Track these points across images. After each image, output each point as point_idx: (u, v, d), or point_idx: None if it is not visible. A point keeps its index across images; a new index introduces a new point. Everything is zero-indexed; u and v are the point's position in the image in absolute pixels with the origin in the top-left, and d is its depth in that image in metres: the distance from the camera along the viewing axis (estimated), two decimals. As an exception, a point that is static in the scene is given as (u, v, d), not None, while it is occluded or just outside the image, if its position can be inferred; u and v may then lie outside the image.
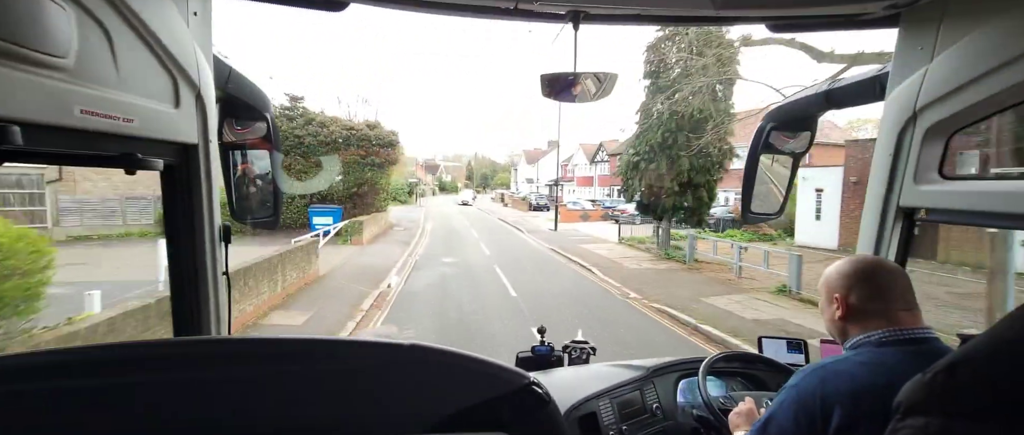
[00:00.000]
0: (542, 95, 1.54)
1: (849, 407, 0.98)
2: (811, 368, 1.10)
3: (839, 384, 1.02)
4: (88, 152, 0.99)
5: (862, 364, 1.04)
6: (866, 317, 1.10)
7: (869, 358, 1.05)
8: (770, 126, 1.94)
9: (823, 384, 1.03)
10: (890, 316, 1.08)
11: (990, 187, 1.25)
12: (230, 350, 0.76)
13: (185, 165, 1.33)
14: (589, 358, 2.34)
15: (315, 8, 1.46)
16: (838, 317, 1.14)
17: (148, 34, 1.09)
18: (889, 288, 1.11)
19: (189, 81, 1.26)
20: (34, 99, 0.82)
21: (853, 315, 1.12)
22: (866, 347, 1.08)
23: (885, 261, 1.20)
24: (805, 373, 1.09)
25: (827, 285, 1.18)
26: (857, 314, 1.11)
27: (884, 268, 1.14)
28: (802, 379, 1.08)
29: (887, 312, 1.09)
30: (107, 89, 0.99)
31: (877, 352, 1.05)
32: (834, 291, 1.16)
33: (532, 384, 0.76)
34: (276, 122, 1.75)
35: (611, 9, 1.38)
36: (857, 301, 1.11)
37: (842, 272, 1.16)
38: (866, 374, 1.01)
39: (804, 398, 1.04)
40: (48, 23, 0.83)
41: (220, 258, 1.49)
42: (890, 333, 1.06)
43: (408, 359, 0.74)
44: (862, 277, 1.13)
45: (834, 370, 1.05)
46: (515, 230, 26.31)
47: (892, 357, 1.03)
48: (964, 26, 1.22)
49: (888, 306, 1.09)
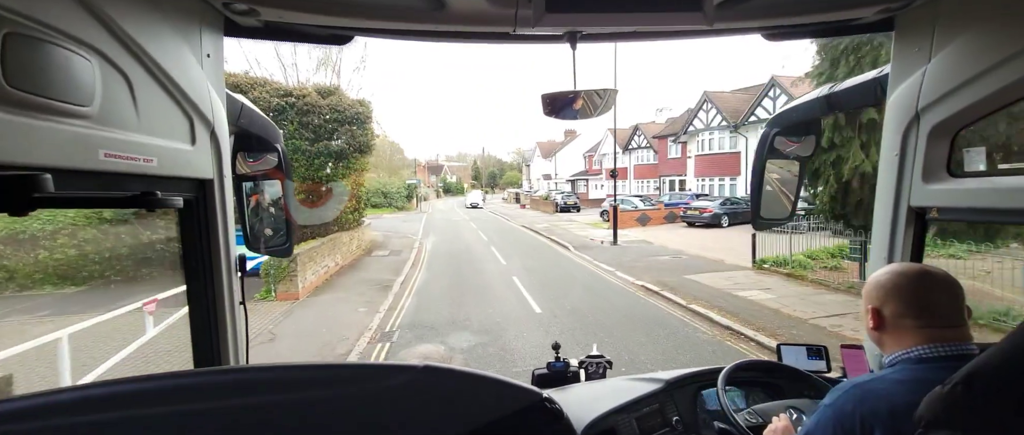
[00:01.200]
0: (543, 114, 1.57)
1: (889, 426, 0.93)
2: (849, 385, 1.05)
3: (878, 404, 0.97)
4: (112, 194, 1.03)
5: (900, 383, 0.99)
6: (901, 331, 1.04)
7: (907, 375, 1.00)
8: (774, 132, 1.95)
9: (861, 404, 0.99)
10: (930, 332, 1.01)
11: (1002, 183, 1.24)
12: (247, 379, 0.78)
13: (202, 199, 1.38)
14: (605, 372, 2.31)
15: (321, 43, 1.52)
16: (870, 328, 1.09)
17: (165, 78, 1.15)
18: (930, 302, 1.03)
19: (204, 119, 1.32)
20: (63, 147, 0.87)
21: (886, 328, 1.07)
22: (903, 364, 1.03)
23: (933, 270, 1.07)
24: (842, 391, 1.04)
25: (866, 293, 1.12)
26: (890, 328, 1.06)
27: (928, 280, 1.05)
28: (839, 397, 1.03)
29: (926, 327, 1.02)
30: (128, 132, 1.04)
31: (916, 369, 1.00)
32: (869, 301, 1.10)
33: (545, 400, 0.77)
34: (287, 152, 1.81)
35: (606, 28, 1.41)
36: (890, 315, 1.06)
37: (879, 283, 1.09)
38: (904, 393, 0.95)
39: (842, 418, 1.00)
40: (75, 75, 0.88)
41: (237, 288, 1.53)
42: (929, 350, 1.01)
43: (423, 381, 0.75)
44: (900, 290, 1.05)
45: (871, 389, 1.00)
46: (555, 245, 17.73)
47: (932, 374, 0.93)
48: (959, 26, 1.23)
49: (927, 322, 1.02)
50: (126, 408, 0.69)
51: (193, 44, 1.28)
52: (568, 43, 1.47)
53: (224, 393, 0.73)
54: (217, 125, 1.38)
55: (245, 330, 1.59)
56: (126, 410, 0.69)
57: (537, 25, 1.17)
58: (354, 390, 0.74)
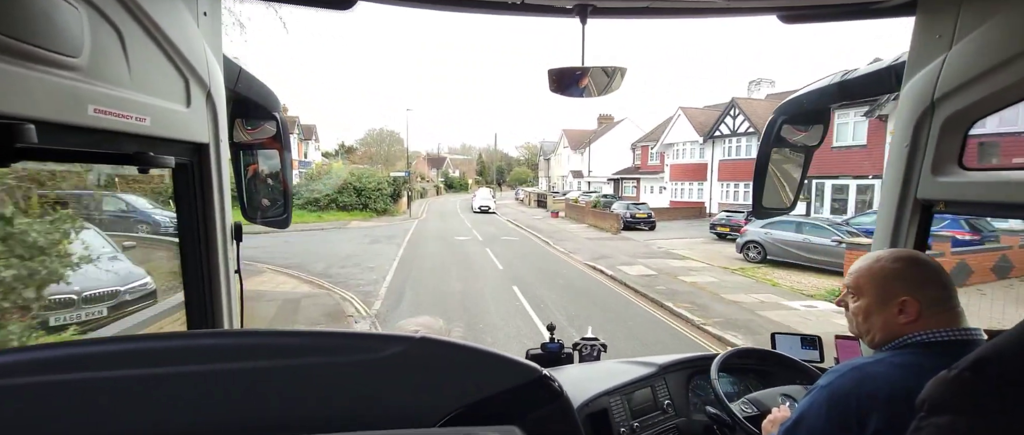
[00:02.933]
0: (549, 91, 1.53)
1: (887, 412, 0.92)
2: (846, 367, 1.03)
3: (876, 387, 0.95)
4: (102, 150, 1.01)
5: (900, 367, 0.97)
6: (931, 320, 1.00)
7: (908, 360, 0.98)
8: (782, 119, 1.92)
9: (859, 385, 0.97)
10: (948, 317, 1.00)
11: (1013, 177, 1.22)
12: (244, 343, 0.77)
13: (197, 164, 1.35)
14: (600, 355, 2.32)
15: (323, 7, 1.47)
16: (904, 322, 1.02)
17: (159, 34, 1.11)
18: (949, 285, 1.02)
19: (199, 81, 1.28)
20: (49, 98, 0.83)
21: (921, 321, 1.01)
22: (912, 348, 1.00)
23: (925, 256, 1.08)
24: (839, 373, 1.03)
25: (882, 283, 1.06)
26: (925, 319, 1.01)
27: (932, 264, 1.04)
28: (836, 379, 1.02)
29: (948, 312, 1.01)
30: (120, 88, 1.00)
31: (918, 354, 0.99)
32: (899, 294, 1.03)
33: (545, 376, 0.76)
34: (285, 121, 1.77)
35: (618, 2, 1.37)
36: (927, 302, 1.01)
37: (908, 270, 1.04)
38: (903, 377, 0.94)
39: (837, 399, 0.98)
40: (61, 23, 0.84)
41: (232, 256, 1.51)
42: (935, 334, 0.99)
43: (420, 352, 0.75)
44: (930, 274, 1.03)
45: (871, 372, 0.99)
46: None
47: (937, 360, 0.92)
48: (984, 12, 1.19)
49: (949, 306, 1.01)
50: (118, 367, 0.68)
51: (189, 0, 1.23)
52: (577, 17, 1.42)
53: (219, 356, 0.72)
54: (214, 87, 1.34)
55: (240, 299, 1.58)
56: (118, 369, 0.68)
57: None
58: (351, 358, 0.73)
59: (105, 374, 0.68)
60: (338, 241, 17.88)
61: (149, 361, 0.71)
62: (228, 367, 0.71)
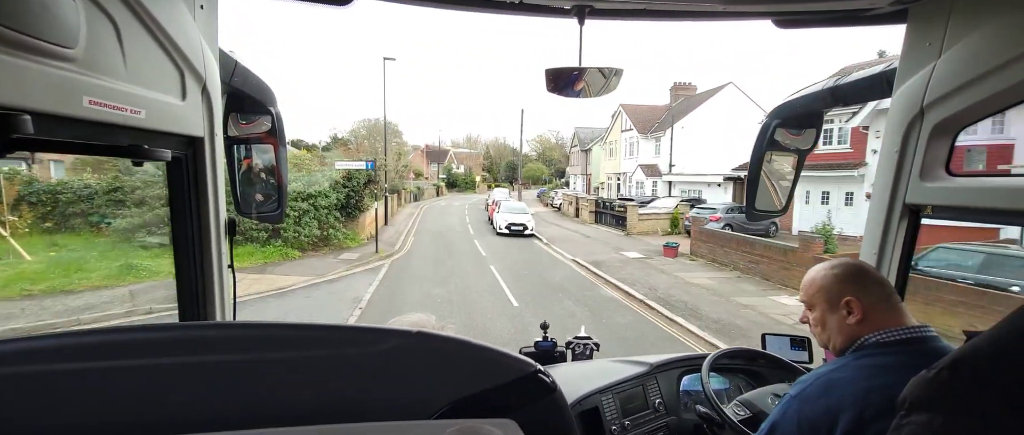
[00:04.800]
0: (546, 90, 1.54)
1: (854, 413, 0.96)
2: (813, 376, 1.08)
3: (843, 390, 1.00)
4: (97, 142, 1.00)
5: (864, 367, 1.03)
6: (877, 318, 1.08)
7: (872, 360, 1.04)
8: (775, 123, 1.94)
9: (826, 391, 1.02)
10: (895, 316, 1.08)
11: (999, 183, 1.24)
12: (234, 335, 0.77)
13: (192, 158, 1.34)
14: (592, 354, 2.33)
15: (320, 2, 1.47)
16: (853, 322, 1.10)
17: (155, 26, 1.10)
18: (890, 287, 1.12)
19: (195, 74, 1.27)
20: (44, 89, 0.83)
21: (868, 319, 1.09)
22: (870, 350, 1.07)
23: (864, 263, 1.22)
24: (807, 382, 1.08)
25: (826, 290, 1.15)
26: (871, 317, 1.09)
27: (872, 270, 1.16)
28: (805, 388, 1.07)
29: (891, 311, 1.09)
30: (115, 80, 1.00)
31: (881, 354, 1.04)
32: (843, 295, 1.12)
33: (538, 371, 0.77)
34: (281, 116, 1.77)
35: (616, 3, 1.38)
36: (869, 303, 1.09)
37: (847, 274, 1.14)
38: (868, 377, 1.00)
39: (806, 407, 1.03)
40: (58, 14, 0.84)
41: (226, 251, 1.51)
42: (894, 333, 1.06)
43: (413, 346, 0.75)
44: (869, 277, 1.13)
45: (837, 377, 1.04)
46: None
47: (895, 358, 1.03)
48: (973, 21, 1.21)
49: (886, 308, 1.09)
50: (107, 358, 0.68)
51: None
52: (575, 18, 1.43)
53: (214, 347, 0.72)
54: (209, 81, 1.33)
55: (233, 294, 1.58)
56: (107, 360, 0.68)
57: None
58: (346, 351, 0.74)
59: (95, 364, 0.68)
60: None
61: (141, 352, 0.70)
62: (222, 359, 0.71)
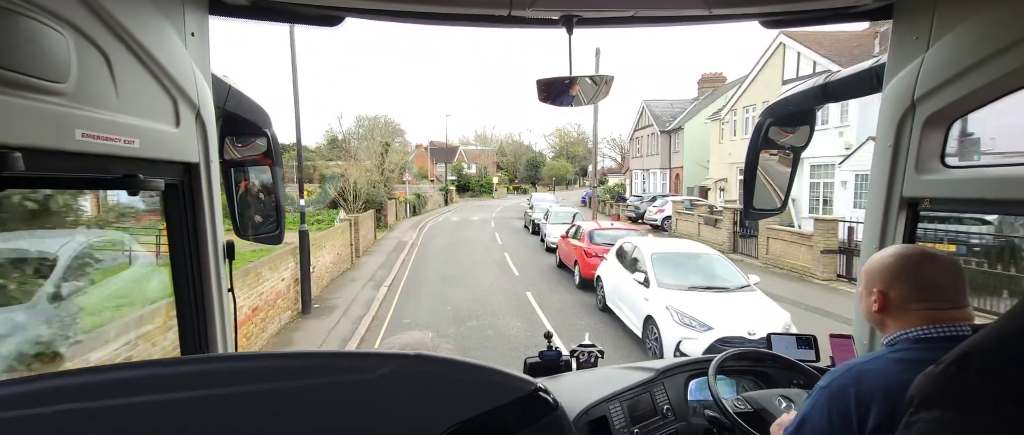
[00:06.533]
0: (538, 100, 1.54)
1: (885, 406, 0.94)
2: (844, 367, 1.06)
3: (873, 383, 0.98)
4: (91, 175, 1.00)
5: (896, 362, 1.00)
6: (905, 313, 1.05)
7: (903, 355, 1.01)
8: (768, 121, 1.94)
9: (857, 383, 1.00)
10: (932, 313, 1.03)
11: (994, 174, 1.24)
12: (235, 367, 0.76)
13: (187, 184, 1.34)
14: (597, 362, 2.32)
15: (311, 24, 1.48)
16: (875, 310, 1.10)
17: (146, 56, 1.11)
18: (933, 284, 1.05)
19: (188, 101, 1.28)
20: (35, 125, 0.83)
21: (890, 310, 1.07)
22: (903, 343, 1.04)
23: (935, 252, 1.10)
24: (837, 373, 1.06)
25: (868, 275, 1.13)
26: (895, 310, 1.06)
27: (931, 261, 1.07)
28: (835, 379, 1.05)
29: (929, 309, 1.03)
30: (107, 112, 1.00)
31: (913, 350, 1.01)
32: (874, 283, 1.10)
33: (538, 389, 0.76)
34: (276, 137, 1.77)
35: (603, 12, 1.39)
36: (896, 297, 1.06)
37: (884, 265, 1.10)
38: (899, 372, 0.96)
39: (836, 398, 1.01)
40: (47, 49, 0.84)
41: (224, 275, 1.50)
42: (928, 330, 1.02)
43: (413, 370, 0.74)
44: (905, 272, 1.07)
45: (867, 369, 1.02)
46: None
47: (929, 355, 0.96)
48: (958, 14, 1.22)
49: (931, 303, 1.03)
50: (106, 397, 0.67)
51: (176, 21, 1.23)
52: (564, 28, 1.44)
53: (210, 382, 0.71)
54: (203, 107, 1.34)
55: (234, 318, 1.57)
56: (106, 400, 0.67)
57: (532, 7, 1.14)
58: (343, 379, 0.73)
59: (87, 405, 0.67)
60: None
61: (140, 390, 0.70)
62: (219, 392, 0.70)
